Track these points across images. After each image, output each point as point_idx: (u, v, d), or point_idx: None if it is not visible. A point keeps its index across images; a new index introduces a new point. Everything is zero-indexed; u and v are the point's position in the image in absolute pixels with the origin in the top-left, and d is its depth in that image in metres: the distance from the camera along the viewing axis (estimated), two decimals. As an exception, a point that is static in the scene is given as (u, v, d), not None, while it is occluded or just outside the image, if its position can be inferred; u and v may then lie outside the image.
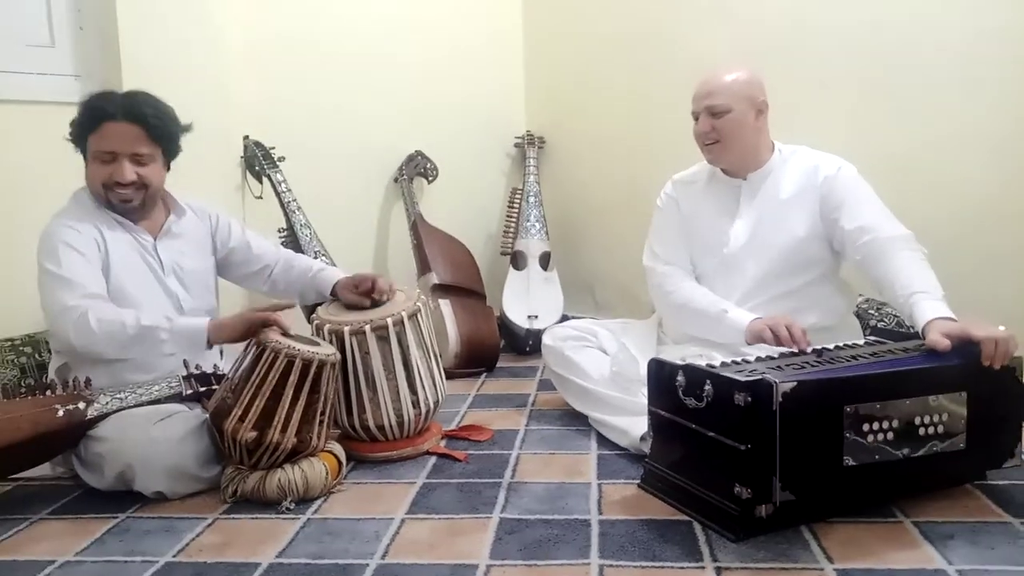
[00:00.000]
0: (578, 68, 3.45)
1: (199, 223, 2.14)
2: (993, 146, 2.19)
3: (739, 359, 1.70)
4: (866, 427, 1.51)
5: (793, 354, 1.75)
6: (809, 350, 1.76)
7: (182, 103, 2.02)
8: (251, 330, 1.84)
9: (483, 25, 3.55)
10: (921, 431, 1.56)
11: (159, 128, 1.93)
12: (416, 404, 2.02)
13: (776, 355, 1.76)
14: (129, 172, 1.91)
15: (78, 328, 1.78)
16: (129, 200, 1.94)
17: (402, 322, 2.00)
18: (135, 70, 2.51)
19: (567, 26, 3.49)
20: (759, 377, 1.48)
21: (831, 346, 1.79)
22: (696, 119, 2.06)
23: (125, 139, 1.90)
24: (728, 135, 2.02)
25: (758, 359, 1.71)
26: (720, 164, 2.11)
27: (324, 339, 1.97)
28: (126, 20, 2.53)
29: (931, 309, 1.70)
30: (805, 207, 2.03)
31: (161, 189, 2.03)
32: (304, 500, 1.75)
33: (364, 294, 2.11)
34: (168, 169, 2.04)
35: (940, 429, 1.57)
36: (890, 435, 1.53)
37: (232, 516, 1.70)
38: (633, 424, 1.97)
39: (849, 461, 1.51)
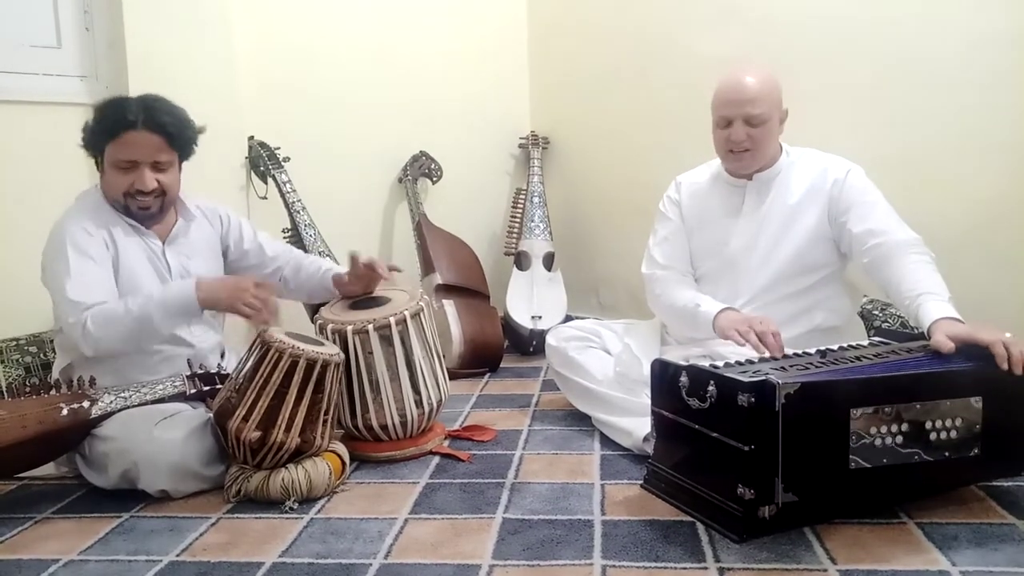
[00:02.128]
0: (582, 69, 3.45)
1: (208, 226, 2.14)
2: (1000, 147, 2.18)
3: (743, 360, 1.70)
4: (875, 430, 1.50)
5: (797, 355, 1.74)
6: (780, 355, 1.75)
7: (188, 104, 2.02)
8: (238, 297, 1.86)
9: (488, 26, 3.55)
10: (933, 436, 1.54)
11: (179, 136, 1.94)
12: (419, 404, 2.02)
13: (780, 356, 1.75)
14: (151, 181, 1.91)
15: (86, 341, 1.81)
16: (148, 207, 1.95)
17: (405, 322, 2.00)
18: (141, 71, 2.52)
19: (571, 26, 3.49)
20: (763, 378, 1.47)
21: (835, 347, 1.79)
22: (724, 125, 2.01)
23: (147, 148, 1.90)
24: (760, 143, 2.00)
25: (762, 359, 1.71)
26: (745, 172, 2.08)
27: (327, 339, 1.97)
28: (132, 21, 2.54)
29: (937, 310, 1.69)
30: (814, 210, 2.02)
31: (178, 194, 2.04)
32: (307, 500, 1.76)
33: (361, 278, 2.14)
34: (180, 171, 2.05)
35: (953, 435, 1.55)
36: (900, 439, 1.52)
37: (236, 516, 1.71)
38: (636, 425, 1.97)
39: (856, 463, 1.49)
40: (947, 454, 1.55)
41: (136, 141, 1.89)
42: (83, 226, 1.89)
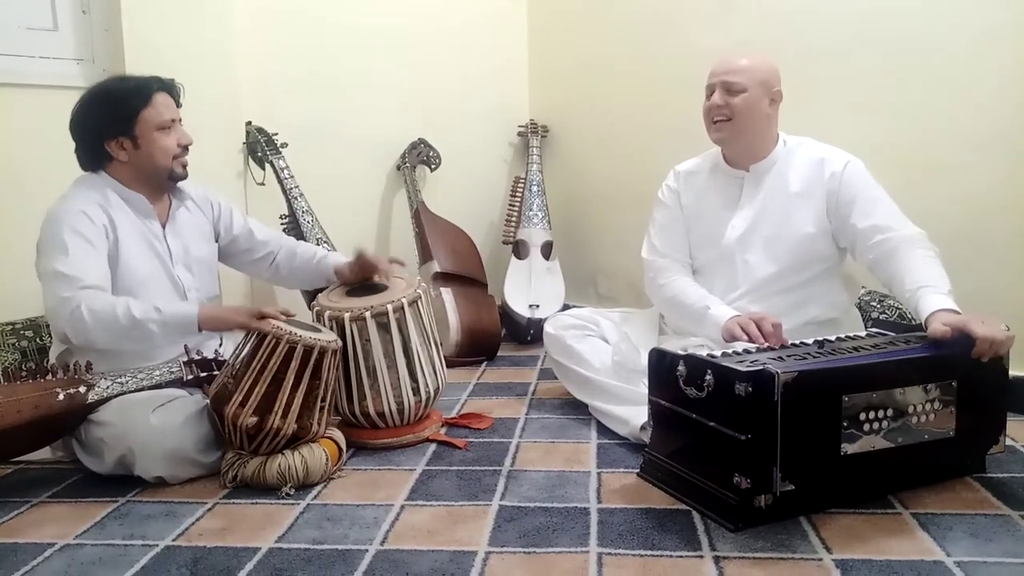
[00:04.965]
0: (583, 57, 3.44)
1: (200, 212, 2.14)
2: (1001, 141, 2.18)
3: (740, 350, 1.70)
4: (863, 416, 1.52)
5: (795, 345, 1.75)
6: (778, 346, 1.76)
7: (185, 88, 2.02)
8: (243, 323, 1.83)
9: (487, 13, 3.53)
10: (914, 420, 1.58)
11: (178, 92, 2.01)
12: (416, 391, 2.02)
13: (779, 346, 1.76)
14: (189, 133, 2.00)
15: (73, 320, 1.77)
16: (186, 165, 2.01)
17: (402, 309, 1.99)
18: (138, 55, 2.50)
19: (572, 14, 3.47)
20: (760, 367, 1.47)
21: (832, 337, 1.79)
22: (710, 94, 2.04)
23: (172, 106, 1.98)
24: (740, 115, 2.00)
25: (759, 349, 1.71)
26: (726, 145, 2.08)
27: (325, 325, 1.97)
28: (129, 4, 2.52)
29: (935, 301, 1.70)
30: (811, 202, 2.02)
31: None
32: (304, 486, 1.76)
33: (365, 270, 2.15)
34: None
35: (932, 418, 1.60)
36: (885, 424, 1.55)
37: (232, 501, 1.71)
38: (633, 413, 1.97)
39: (846, 450, 1.52)
40: (925, 437, 1.60)
41: (165, 101, 1.96)
42: (83, 210, 1.87)
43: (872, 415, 1.53)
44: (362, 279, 2.17)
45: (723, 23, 2.80)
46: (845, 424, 1.51)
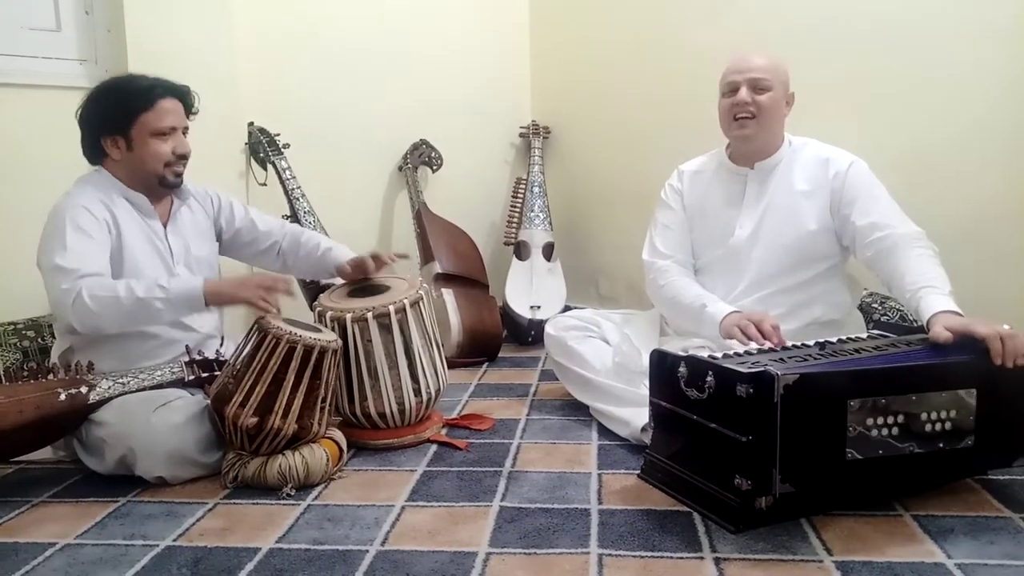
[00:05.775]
0: (584, 58, 3.44)
1: (201, 209, 2.14)
2: (1003, 143, 2.18)
3: (741, 351, 1.70)
4: (871, 421, 1.50)
5: (796, 347, 1.74)
6: (779, 347, 1.75)
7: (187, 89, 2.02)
8: (247, 291, 1.85)
9: (489, 14, 3.54)
10: (928, 427, 1.54)
11: (191, 101, 2.00)
12: (417, 392, 2.02)
13: (779, 348, 1.75)
14: (189, 144, 1.98)
15: (76, 309, 1.76)
16: (181, 174, 2.00)
17: (404, 310, 2.00)
18: (141, 54, 2.50)
19: (574, 16, 3.47)
20: (761, 369, 1.47)
21: (834, 339, 1.78)
22: (732, 92, 2.02)
23: (178, 114, 1.96)
24: (765, 113, 2.00)
25: (760, 351, 1.70)
26: (747, 144, 2.07)
27: (326, 326, 1.97)
28: (132, 4, 2.53)
29: (937, 303, 1.69)
30: (815, 201, 2.02)
31: None
32: (304, 486, 1.76)
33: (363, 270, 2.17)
34: None
35: (948, 426, 1.55)
36: (895, 430, 1.52)
37: (233, 501, 1.71)
38: (634, 415, 1.97)
39: (852, 455, 1.50)
40: (941, 445, 1.56)
41: (170, 108, 1.94)
42: (84, 206, 1.87)
43: (882, 420, 1.51)
44: (360, 277, 2.18)
45: (724, 24, 2.79)
46: (851, 429, 1.49)
